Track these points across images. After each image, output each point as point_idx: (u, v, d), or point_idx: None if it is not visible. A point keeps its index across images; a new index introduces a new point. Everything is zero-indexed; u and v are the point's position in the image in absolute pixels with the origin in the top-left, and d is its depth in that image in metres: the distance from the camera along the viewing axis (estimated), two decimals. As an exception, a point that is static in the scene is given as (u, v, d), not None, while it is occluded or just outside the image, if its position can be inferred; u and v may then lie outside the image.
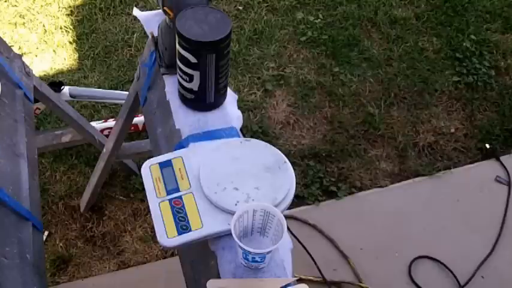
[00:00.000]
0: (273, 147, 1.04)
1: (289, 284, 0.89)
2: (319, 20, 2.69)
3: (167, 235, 0.92)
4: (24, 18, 2.64)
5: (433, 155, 2.28)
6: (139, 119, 2.16)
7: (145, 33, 1.75)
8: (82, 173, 2.13)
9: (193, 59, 1.03)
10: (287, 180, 0.98)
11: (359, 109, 2.38)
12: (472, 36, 2.65)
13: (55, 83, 2.03)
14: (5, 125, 1.24)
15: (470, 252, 1.96)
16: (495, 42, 2.65)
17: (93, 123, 2.10)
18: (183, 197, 0.96)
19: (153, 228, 0.95)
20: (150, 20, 1.32)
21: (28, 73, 1.47)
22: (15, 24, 2.62)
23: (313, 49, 2.58)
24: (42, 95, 1.58)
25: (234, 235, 0.84)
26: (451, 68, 2.56)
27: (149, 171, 1.01)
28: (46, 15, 2.67)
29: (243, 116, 1.19)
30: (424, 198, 2.12)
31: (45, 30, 2.60)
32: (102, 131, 2.10)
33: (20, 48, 2.51)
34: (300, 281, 0.90)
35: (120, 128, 1.67)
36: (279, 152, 1.03)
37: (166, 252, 1.94)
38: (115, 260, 1.94)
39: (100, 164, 1.86)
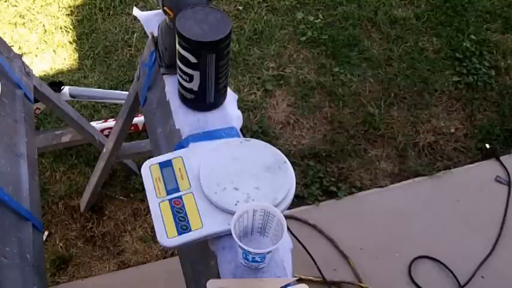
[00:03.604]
0: (273, 147, 1.04)
1: (289, 284, 0.89)
2: (319, 20, 2.69)
3: (167, 235, 0.92)
4: (24, 18, 2.64)
5: (433, 155, 2.28)
6: (139, 119, 2.16)
7: (145, 33, 1.76)
8: (82, 173, 2.13)
9: (193, 59, 1.03)
10: (287, 180, 0.98)
11: (359, 109, 2.38)
12: (472, 36, 2.65)
13: (55, 83, 2.03)
14: (5, 125, 1.24)
15: (470, 252, 1.96)
16: (495, 42, 2.65)
17: (93, 123, 2.10)
18: (183, 197, 0.96)
19: (153, 228, 0.96)
20: (150, 20, 1.32)
21: (28, 73, 1.47)
22: (15, 24, 2.62)
23: (313, 49, 2.58)
24: (42, 95, 1.58)
25: (234, 235, 0.84)
26: (451, 68, 2.56)
27: (149, 171, 1.01)
28: (46, 15, 2.67)
29: (243, 116, 1.19)
30: (424, 198, 2.12)
31: (45, 30, 2.60)
32: (102, 131, 2.10)
33: (20, 48, 2.51)
34: (300, 281, 0.90)
35: (120, 128, 1.67)
36: (279, 152, 1.03)
37: (166, 252, 1.94)
38: (115, 260, 1.94)
39: (100, 164, 1.86)
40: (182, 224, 0.93)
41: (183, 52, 1.03)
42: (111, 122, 2.14)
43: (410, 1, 2.83)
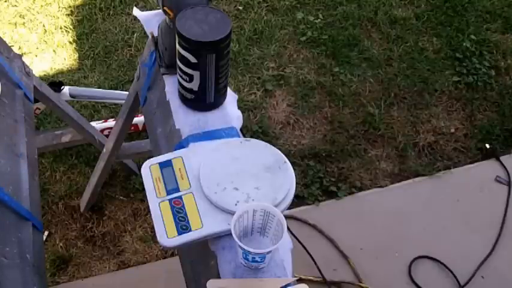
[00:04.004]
0: (273, 147, 1.04)
1: (289, 284, 0.89)
2: (319, 20, 2.69)
3: (167, 235, 0.92)
4: (24, 18, 2.64)
5: (433, 155, 2.28)
6: (139, 119, 2.16)
7: (145, 33, 1.75)
8: (82, 173, 2.13)
9: (193, 59, 1.03)
10: (287, 180, 0.98)
11: (359, 109, 2.38)
12: (472, 36, 2.65)
13: (55, 83, 2.03)
14: (5, 125, 1.24)
15: (470, 252, 1.96)
16: (495, 42, 2.65)
17: (93, 123, 2.10)
18: (183, 197, 0.96)
19: (153, 228, 0.96)
20: (150, 20, 1.32)
21: (28, 73, 1.47)
22: (15, 24, 2.62)
23: (313, 49, 2.58)
24: (42, 95, 1.58)
25: (234, 235, 0.84)
26: (451, 68, 2.56)
27: (149, 171, 1.01)
28: (46, 15, 2.67)
29: (243, 116, 1.19)
30: (424, 198, 2.12)
31: (45, 30, 2.60)
32: (102, 131, 2.10)
33: (20, 48, 2.51)
34: (300, 281, 0.90)
35: (120, 128, 1.67)
36: (279, 152, 1.03)
37: (166, 252, 1.94)
38: (115, 260, 1.94)
39: (100, 164, 1.86)
40: (182, 224, 0.93)
41: (183, 52, 1.03)
42: (111, 122, 2.14)
43: (410, 1, 2.83)
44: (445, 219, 2.05)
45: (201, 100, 1.12)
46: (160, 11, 1.14)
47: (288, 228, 0.97)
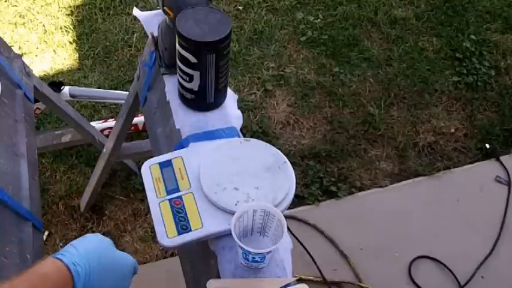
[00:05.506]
0: (273, 147, 1.04)
1: (289, 284, 0.89)
2: (319, 20, 2.69)
3: (167, 235, 0.92)
4: (24, 18, 2.64)
5: (433, 155, 2.28)
6: (139, 119, 2.16)
7: (145, 33, 1.76)
8: (82, 173, 2.13)
9: (193, 59, 1.03)
10: (287, 180, 0.98)
11: (359, 109, 2.38)
12: (472, 36, 2.65)
13: (55, 83, 2.03)
14: (5, 125, 1.24)
15: (470, 252, 1.96)
16: (495, 42, 2.65)
17: (93, 123, 2.10)
18: (183, 197, 0.96)
19: (153, 228, 0.95)
20: (150, 20, 1.32)
21: (28, 73, 1.47)
22: (15, 24, 2.62)
23: (313, 49, 2.58)
24: (42, 95, 1.58)
25: (234, 235, 0.84)
26: (451, 68, 2.56)
27: (149, 171, 1.01)
28: (46, 15, 2.67)
29: (243, 116, 1.19)
30: (424, 198, 2.12)
31: (45, 30, 2.60)
32: (102, 131, 2.10)
33: (20, 48, 2.51)
34: (300, 281, 0.90)
35: (120, 128, 1.67)
36: (279, 152, 1.03)
37: (166, 252, 1.94)
38: (115, 260, 1.93)
39: (100, 164, 1.86)
40: (182, 224, 0.93)
41: (183, 52, 1.03)
42: (111, 122, 2.14)
43: (410, 1, 2.83)
44: (445, 219, 2.05)
45: (201, 100, 1.12)
46: (160, 11, 1.14)
47: (288, 228, 0.97)
